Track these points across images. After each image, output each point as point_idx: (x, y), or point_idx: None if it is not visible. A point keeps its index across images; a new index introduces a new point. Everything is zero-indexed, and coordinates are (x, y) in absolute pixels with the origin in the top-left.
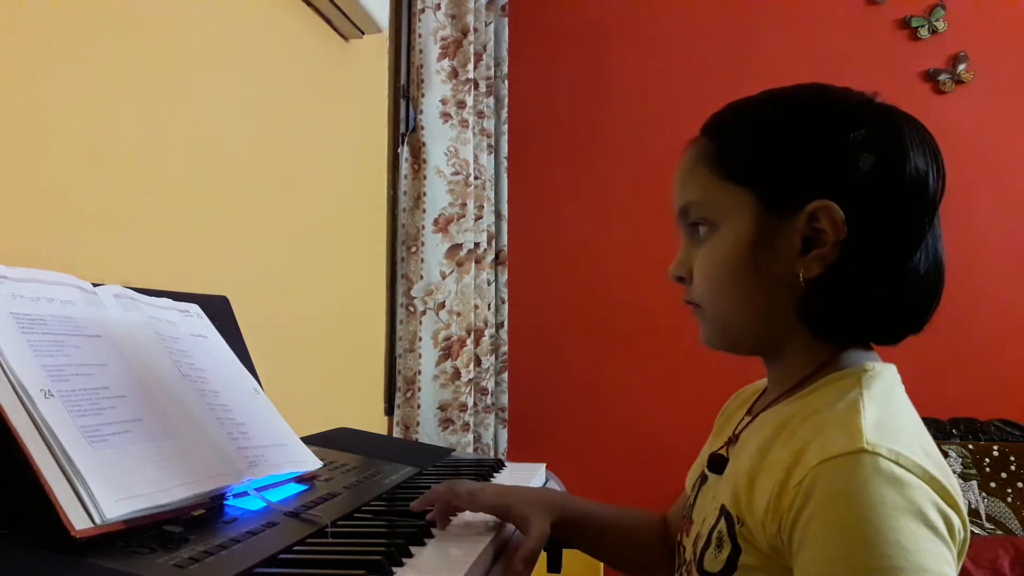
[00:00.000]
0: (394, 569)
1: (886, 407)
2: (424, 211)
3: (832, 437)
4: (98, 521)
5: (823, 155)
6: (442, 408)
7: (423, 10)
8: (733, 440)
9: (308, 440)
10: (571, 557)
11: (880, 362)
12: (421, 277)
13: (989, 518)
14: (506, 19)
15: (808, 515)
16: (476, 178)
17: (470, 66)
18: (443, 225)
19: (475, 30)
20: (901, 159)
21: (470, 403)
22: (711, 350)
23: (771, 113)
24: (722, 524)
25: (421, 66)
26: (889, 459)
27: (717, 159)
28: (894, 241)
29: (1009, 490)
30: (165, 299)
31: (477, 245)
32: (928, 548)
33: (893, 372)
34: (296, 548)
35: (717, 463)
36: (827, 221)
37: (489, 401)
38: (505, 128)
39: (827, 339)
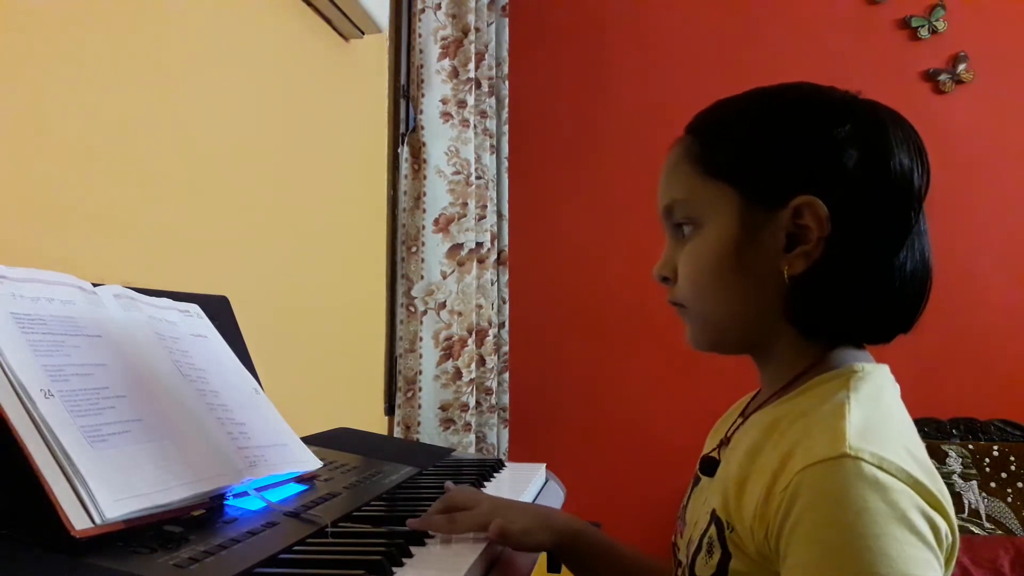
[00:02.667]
0: (394, 569)
1: (873, 409)
2: (424, 211)
3: (816, 441)
4: (98, 521)
5: (807, 151)
6: (443, 408)
7: (423, 10)
8: (725, 442)
9: (308, 440)
10: None
11: (871, 362)
12: (421, 277)
13: (989, 518)
14: (507, 19)
15: (793, 521)
16: (479, 178)
17: (471, 65)
18: (443, 225)
19: (476, 30)
20: (886, 155)
21: (472, 403)
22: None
23: (755, 110)
24: (712, 529)
25: (421, 66)
26: (872, 463)
27: (701, 156)
28: (879, 237)
29: (1009, 490)
30: (165, 299)
31: (480, 245)
32: (912, 554)
33: (884, 373)
34: (296, 548)
35: (709, 465)
36: (811, 217)
37: (493, 401)
38: (506, 128)
39: (814, 338)
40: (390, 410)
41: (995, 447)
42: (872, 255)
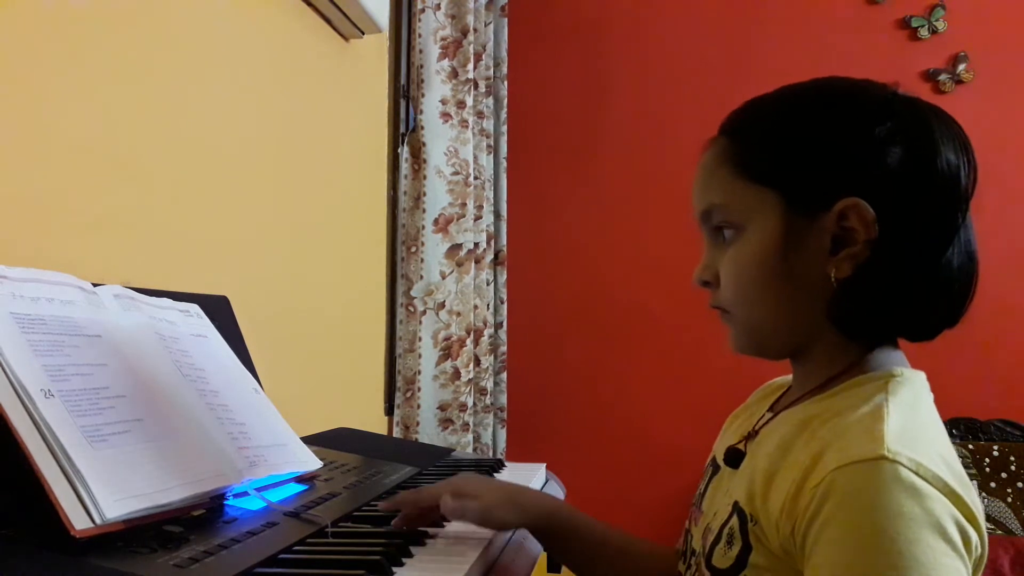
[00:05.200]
0: (394, 569)
1: (911, 415)
2: (424, 211)
3: (853, 441)
4: (98, 521)
5: (849, 152)
6: (442, 408)
7: (423, 10)
8: (752, 435)
9: (308, 440)
10: None
11: (909, 368)
12: (421, 277)
13: (989, 518)
14: (505, 19)
15: (823, 520)
16: (476, 178)
17: (470, 66)
18: (443, 225)
19: (475, 30)
20: (932, 153)
21: (470, 403)
22: (719, 352)
23: (792, 110)
24: (734, 521)
25: (421, 66)
26: (909, 468)
27: (739, 160)
28: (927, 238)
29: (1009, 490)
30: (165, 299)
31: (476, 245)
32: (944, 562)
33: (922, 379)
34: (296, 548)
35: (734, 457)
36: (857, 220)
37: (488, 401)
38: (504, 128)
39: (857, 339)
40: (390, 410)
41: (995, 447)
42: (920, 256)
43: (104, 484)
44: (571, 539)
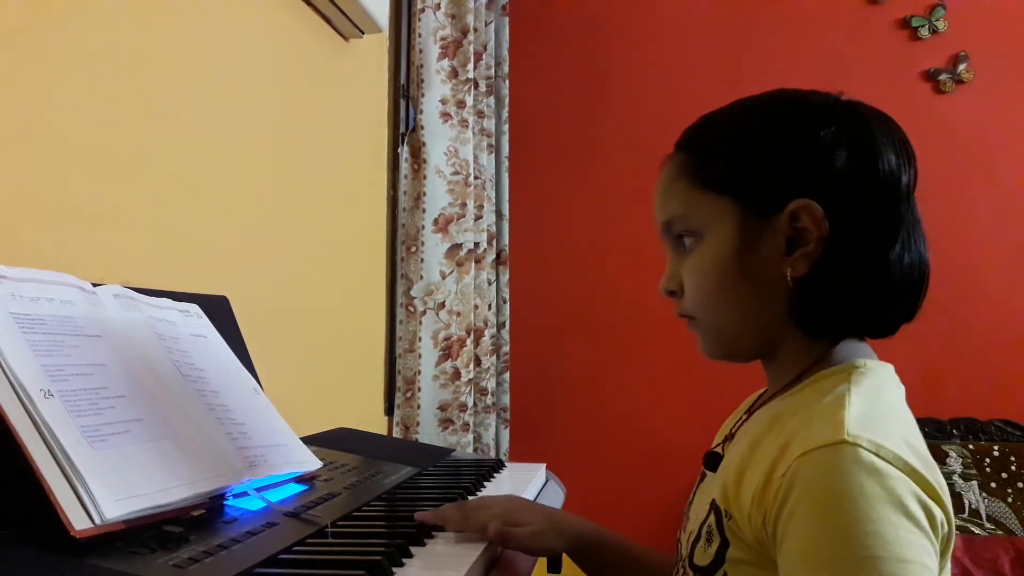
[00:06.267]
0: (394, 569)
1: (873, 402)
2: (424, 211)
3: (816, 430)
4: (98, 521)
5: (797, 155)
6: (442, 408)
7: (423, 10)
8: (729, 438)
9: (308, 440)
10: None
11: (874, 359)
12: (421, 277)
13: (989, 518)
14: (506, 18)
15: (791, 507)
16: (476, 178)
17: (470, 66)
18: (443, 225)
19: (475, 30)
20: (873, 152)
21: (470, 403)
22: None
23: (742, 120)
24: (711, 518)
25: (421, 66)
26: (869, 450)
27: (694, 171)
28: (874, 233)
29: (1009, 490)
30: (165, 299)
31: (477, 245)
32: (908, 539)
33: (888, 371)
34: (296, 548)
35: (712, 460)
36: (808, 219)
37: (490, 401)
38: (506, 128)
39: (819, 336)
40: (389, 410)
41: (995, 447)
42: (869, 250)
43: (104, 484)
44: (607, 561)
